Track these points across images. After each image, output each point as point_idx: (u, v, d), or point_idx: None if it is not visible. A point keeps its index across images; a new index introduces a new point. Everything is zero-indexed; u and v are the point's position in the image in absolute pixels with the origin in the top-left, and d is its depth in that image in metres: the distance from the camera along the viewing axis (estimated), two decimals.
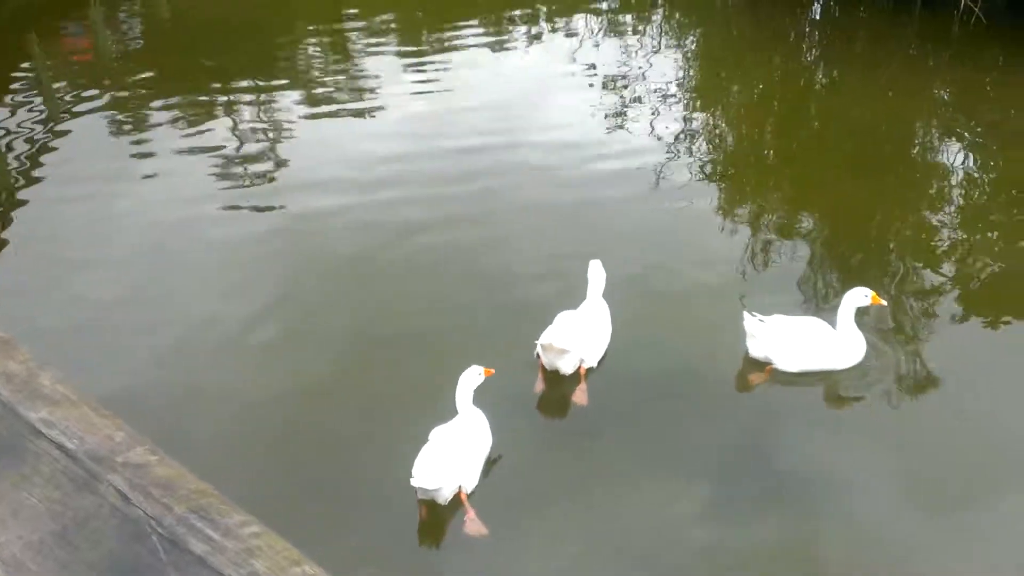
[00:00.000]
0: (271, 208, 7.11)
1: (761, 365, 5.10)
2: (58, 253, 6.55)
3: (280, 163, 7.88)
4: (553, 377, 5.02)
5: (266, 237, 6.68)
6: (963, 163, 7.72)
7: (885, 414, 4.83)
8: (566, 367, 4.98)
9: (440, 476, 4.12)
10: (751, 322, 5.02)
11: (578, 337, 4.95)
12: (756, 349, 5.10)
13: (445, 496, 4.20)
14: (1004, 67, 9.37)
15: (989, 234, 6.63)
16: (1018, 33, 9.71)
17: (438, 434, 4.36)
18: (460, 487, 4.24)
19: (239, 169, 7.76)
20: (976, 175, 7.56)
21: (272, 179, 7.58)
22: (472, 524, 4.15)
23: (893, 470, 4.44)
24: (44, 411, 1.27)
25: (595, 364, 5.12)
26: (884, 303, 5.05)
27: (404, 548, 4.10)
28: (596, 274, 5.28)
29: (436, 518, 4.21)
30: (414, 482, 4.08)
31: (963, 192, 7.27)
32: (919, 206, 7.06)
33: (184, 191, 7.38)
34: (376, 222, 6.77)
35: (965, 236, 6.56)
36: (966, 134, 8.23)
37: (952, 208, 6.99)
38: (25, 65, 10.36)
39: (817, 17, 11.18)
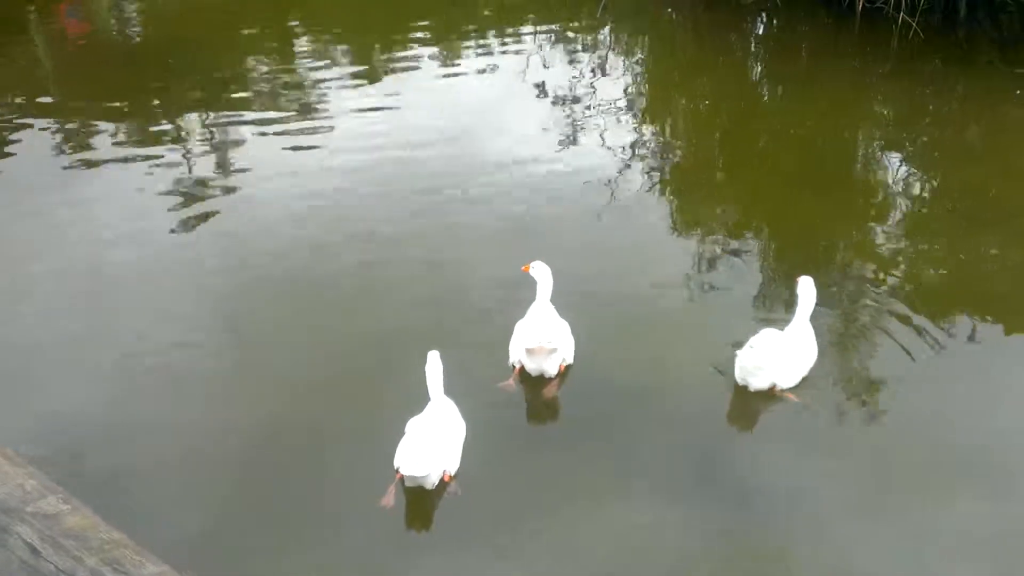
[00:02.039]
0: (215, 228, 7.01)
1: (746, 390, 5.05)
2: None
3: (226, 182, 7.76)
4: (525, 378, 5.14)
5: (210, 258, 6.59)
6: (904, 175, 7.89)
7: (838, 423, 4.94)
8: (552, 368, 5.07)
9: (427, 462, 4.33)
10: (755, 354, 4.84)
11: (559, 333, 5.07)
12: (762, 380, 4.97)
13: (432, 481, 4.41)
14: (942, 80, 9.61)
15: (931, 245, 6.79)
16: (954, 47, 9.97)
17: (416, 423, 4.53)
18: (445, 471, 4.46)
19: (183, 188, 7.63)
20: (917, 187, 7.74)
21: (217, 198, 7.47)
22: (453, 487, 4.46)
23: (851, 478, 4.56)
24: None
25: (571, 359, 5.20)
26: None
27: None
28: (543, 275, 5.32)
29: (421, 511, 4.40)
30: (404, 470, 4.30)
31: (905, 204, 7.43)
32: (863, 217, 7.21)
33: (125, 210, 7.26)
34: (325, 241, 6.73)
35: (908, 247, 6.71)
36: (907, 146, 8.42)
37: (895, 219, 7.14)
38: None
39: (760, 33, 11.36)
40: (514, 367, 5.20)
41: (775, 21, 11.20)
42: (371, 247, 6.64)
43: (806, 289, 5.18)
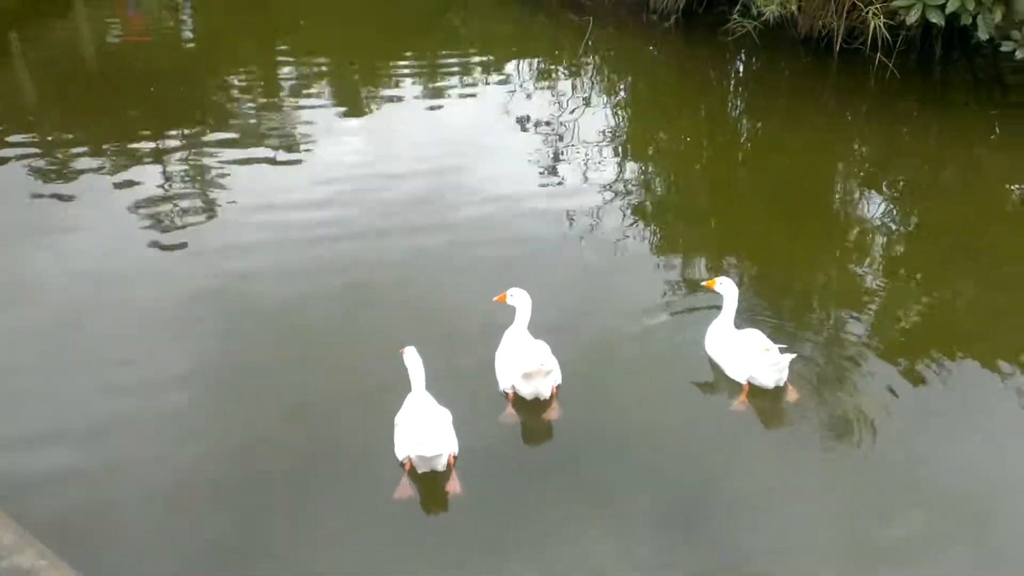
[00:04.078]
0: (194, 260, 6.98)
1: (737, 388, 5.41)
2: None
3: (206, 213, 7.73)
4: (521, 405, 5.25)
5: (191, 291, 6.54)
6: (882, 213, 8.00)
7: (815, 456, 5.01)
8: (546, 389, 5.20)
9: (437, 441, 4.59)
10: (778, 354, 5.21)
11: (550, 355, 5.23)
12: (772, 377, 5.32)
13: (442, 462, 4.67)
14: (917, 119, 9.79)
15: (908, 282, 6.87)
16: (929, 88, 10.17)
17: (408, 412, 4.76)
18: (450, 452, 4.70)
19: (161, 220, 7.58)
20: (894, 225, 7.84)
21: (198, 229, 7.43)
22: (453, 484, 4.67)
23: (830, 513, 4.64)
24: None
25: (560, 380, 5.32)
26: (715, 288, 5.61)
27: None
28: (523, 302, 5.43)
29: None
30: (420, 451, 4.53)
31: (882, 240, 7.53)
32: (841, 254, 7.29)
33: (106, 243, 7.21)
34: (305, 272, 6.75)
35: (885, 284, 6.78)
36: (884, 185, 8.54)
37: (873, 256, 7.22)
38: None
39: (740, 71, 11.53)
40: (507, 394, 5.28)
41: (755, 59, 11.38)
42: (350, 278, 6.66)
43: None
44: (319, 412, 5.31)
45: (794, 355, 5.28)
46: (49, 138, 9.26)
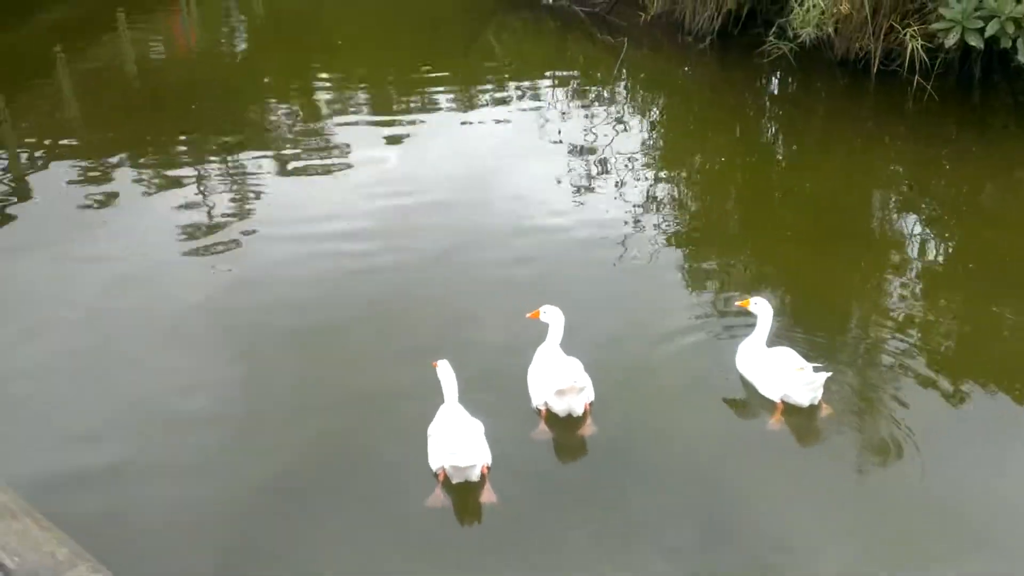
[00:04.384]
0: (228, 272, 7.08)
1: (770, 405, 5.38)
2: (3, 322, 6.44)
3: (241, 226, 7.83)
4: (554, 421, 5.23)
5: (222, 302, 6.64)
6: (920, 236, 7.90)
7: (851, 482, 4.93)
8: (579, 407, 5.19)
9: (472, 452, 4.65)
10: (813, 373, 5.16)
11: (583, 373, 5.21)
12: (807, 396, 5.28)
13: (476, 473, 4.70)
14: (957, 142, 9.67)
15: (947, 307, 6.76)
16: (968, 110, 10.05)
17: (442, 423, 4.81)
18: (483, 463, 4.74)
19: (198, 232, 7.70)
20: (932, 249, 7.74)
21: (232, 243, 7.53)
22: (488, 494, 4.70)
23: (860, 539, 4.54)
24: None
25: (593, 397, 5.30)
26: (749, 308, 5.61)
27: None
28: (555, 319, 5.44)
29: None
30: (455, 461, 4.58)
31: (920, 262, 7.43)
32: (878, 277, 7.20)
33: (141, 253, 7.34)
34: (338, 287, 6.80)
35: (923, 308, 6.68)
36: (922, 208, 8.44)
37: (910, 280, 7.12)
38: None
39: (775, 92, 11.48)
40: (539, 411, 5.26)
41: (791, 81, 11.32)
42: (383, 293, 6.70)
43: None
44: (350, 423, 5.34)
45: (829, 373, 5.22)
46: (91, 150, 9.45)
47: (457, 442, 4.67)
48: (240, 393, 5.66)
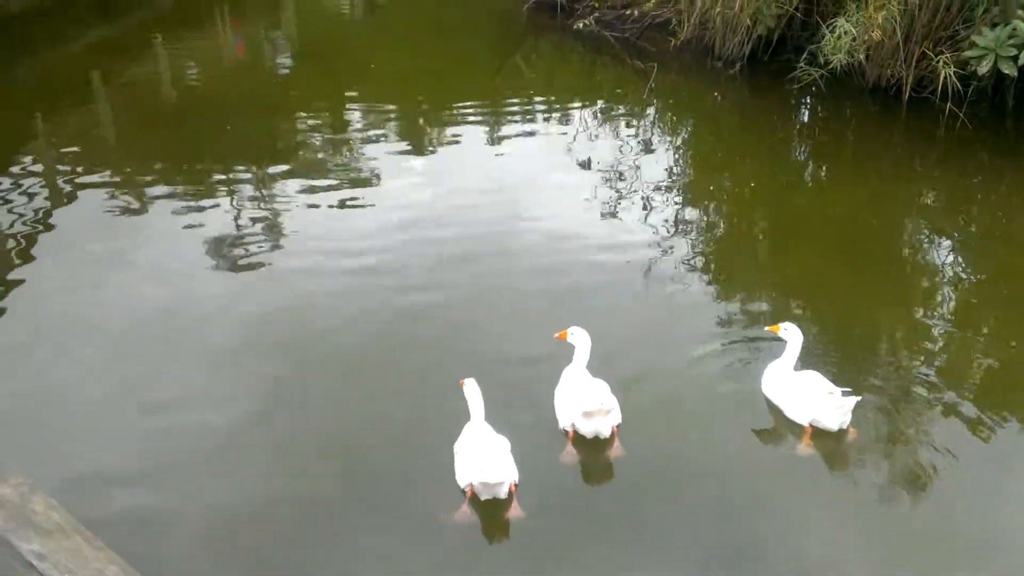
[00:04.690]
0: (257, 291, 7.17)
1: (797, 429, 5.37)
2: (40, 339, 6.54)
3: (271, 246, 7.92)
4: (581, 443, 5.23)
5: (256, 325, 6.69)
6: (951, 263, 7.83)
7: (880, 508, 4.89)
8: (606, 429, 5.18)
9: (500, 469, 4.67)
10: (842, 397, 5.13)
11: (610, 395, 5.21)
12: (837, 420, 5.25)
13: (504, 490, 4.73)
14: (990, 170, 9.59)
15: (978, 334, 6.68)
16: (1002, 138, 9.97)
17: (468, 440, 4.84)
18: (511, 480, 4.77)
19: (228, 251, 7.79)
20: (964, 273, 7.67)
21: (262, 263, 7.62)
22: (515, 510, 4.73)
23: (889, 567, 4.52)
24: (36, 543, 1.24)
25: (620, 419, 5.29)
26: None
27: None
28: (582, 340, 5.45)
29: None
30: (485, 478, 4.53)
31: (953, 291, 7.36)
32: (909, 303, 7.14)
33: (169, 269, 7.44)
34: (365, 306, 6.85)
35: (955, 335, 6.61)
36: (954, 234, 8.36)
37: (942, 305, 7.07)
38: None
39: (806, 117, 11.47)
40: (567, 432, 5.26)
41: (821, 107, 11.30)
42: (410, 313, 6.74)
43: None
44: (378, 439, 5.39)
45: (859, 398, 5.18)
46: (125, 170, 9.61)
47: (486, 459, 4.70)
48: (270, 410, 5.71)
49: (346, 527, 4.76)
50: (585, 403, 5.11)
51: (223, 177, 9.48)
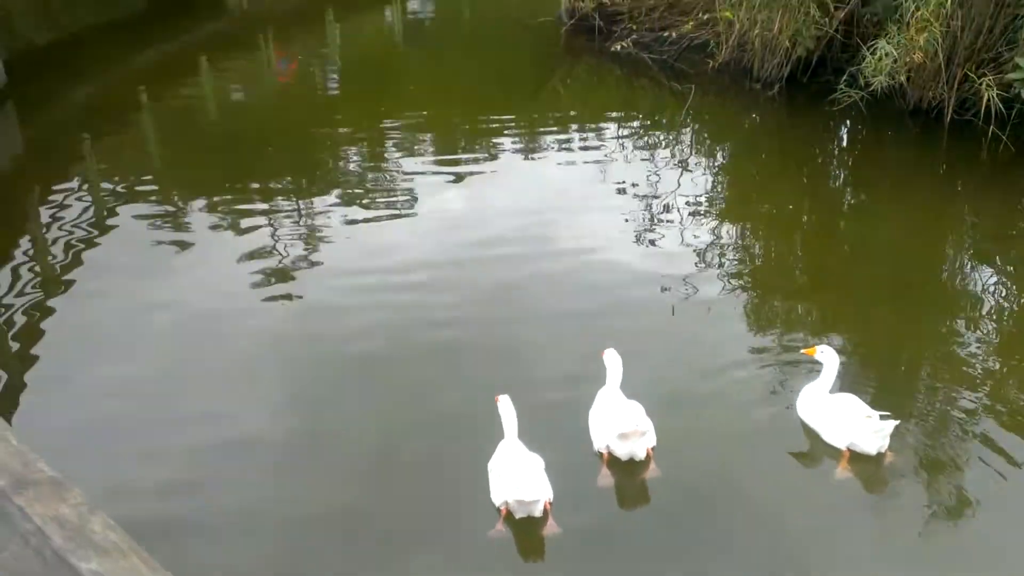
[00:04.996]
0: (295, 310, 7.27)
1: (833, 453, 5.32)
2: (83, 353, 6.70)
3: (309, 266, 8.03)
4: (616, 465, 5.22)
5: (294, 338, 6.81)
6: (994, 288, 7.70)
7: (918, 535, 4.83)
8: (641, 451, 5.18)
9: (536, 487, 4.67)
10: (880, 421, 5.08)
11: (645, 418, 5.22)
12: (875, 444, 5.20)
13: (540, 508, 4.72)
14: None
15: (1021, 361, 6.57)
16: None
17: (503, 458, 4.86)
18: (546, 499, 4.75)
19: (268, 271, 7.89)
20: (1007, 301, 7.53)
21: (299, 282, 7.72)
22: (551, 527, 4.73)
23: None
24: (95, 562, 1.28)
25: (655, 442, 5.28)
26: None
27: None
28: (614, 363, 5.48)
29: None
30: (521, 496, 4.57)
31: (995, 317, 7.23)
32: (950, 328, 7.03)
33: (213, 290, 7.57)
34: (401, 325, 6.92)
35: (997, 360, 6.50)
36: (998, 260, 8.23)
37: (984, 332, 6.95)
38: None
39: (845, 140, 11.39)
40: (601, 454, 5.27)
41: (861, 129, 11.21)
42: (446, 332, 6.78)
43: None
44: (412, 457, 5.43)
45: (897, 421, 5.13)
46: (169, 191, 9.82)
47: (521, 477, 4.71)
48: (306, 428, 5.78)
49: (382, 545, 4.78)
50: (620, 425, 5.11)
51: (264, 197, 9.64)
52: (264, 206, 9.39)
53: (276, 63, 15.62)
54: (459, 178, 10.12)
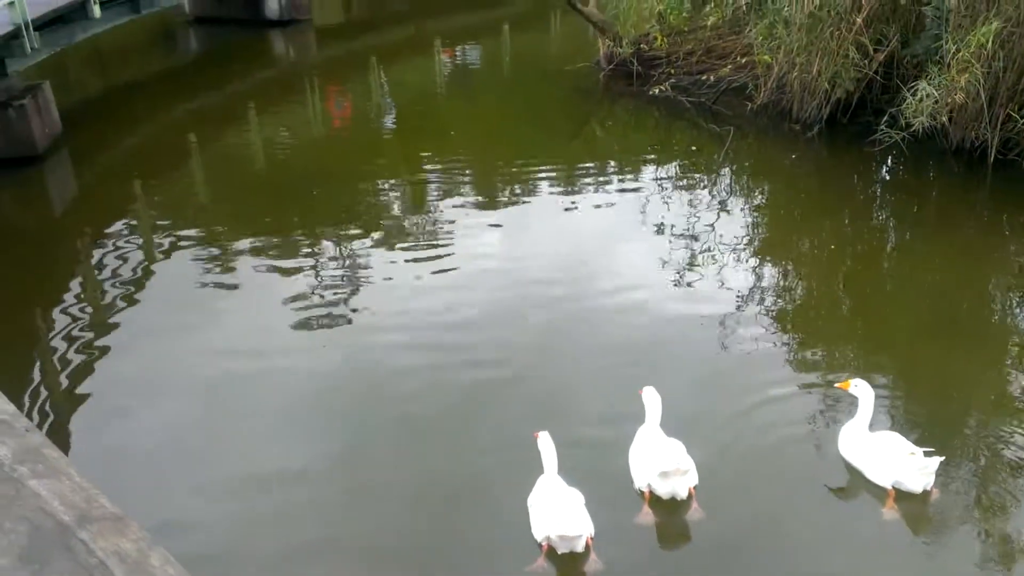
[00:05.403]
0: (335, 349, 7.38)
1: (877, 491, 5.26)
2: (132, 391, 6.88)
3: (350, 307, 8.14)
4: (657, 504, 5.21)
5: (336, 376, 6.92)
6: None
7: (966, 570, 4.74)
8: (683, 490, 5.16)
9: (578, 522, 4.68)
10: (924, 458, 5.02)
11: (687, 456, 5.20)
12: (920, 482, 5.14)
13: (582, 543, 4.71)
14: None
15: None
16: None
17: (543, 493, 4.88)
18: (589, 534, 4.75)
19: (310, 312, 8.03)
20: None
21: (339, 322, 7.84)
22: (595, 563, 4.71)
23: None
24: None
25: (696, 481, 5.25)
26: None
27: None
28: (653, 401, 5.48)
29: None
30: (563, 531, 4.58)
31: None
32: (998, 370, 6.91)
33: (255, 330, 7.73)
34: (444, 365, 7.00)
35: None
36: None
37: None
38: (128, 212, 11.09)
39: (886, 179, 11.32)
40: (643, 492, 5.24)
41: (902, 169, 11.14)
42: (481, 372, 6.84)
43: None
44: (451, 491, 5.48)
45: (942, 458, 5.05)
46: (218, 233, 10.05)
47: (563, 512, 4.71)
48: (347, 464, 5.86)
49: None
50: (662, 463, 5.09)
51: (308, 239, 9.83)
52: (308, 248, 9.57)
53: (331, 105, 16.07)
54: (499, 220, 10.23)
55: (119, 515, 1.62)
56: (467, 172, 12.16)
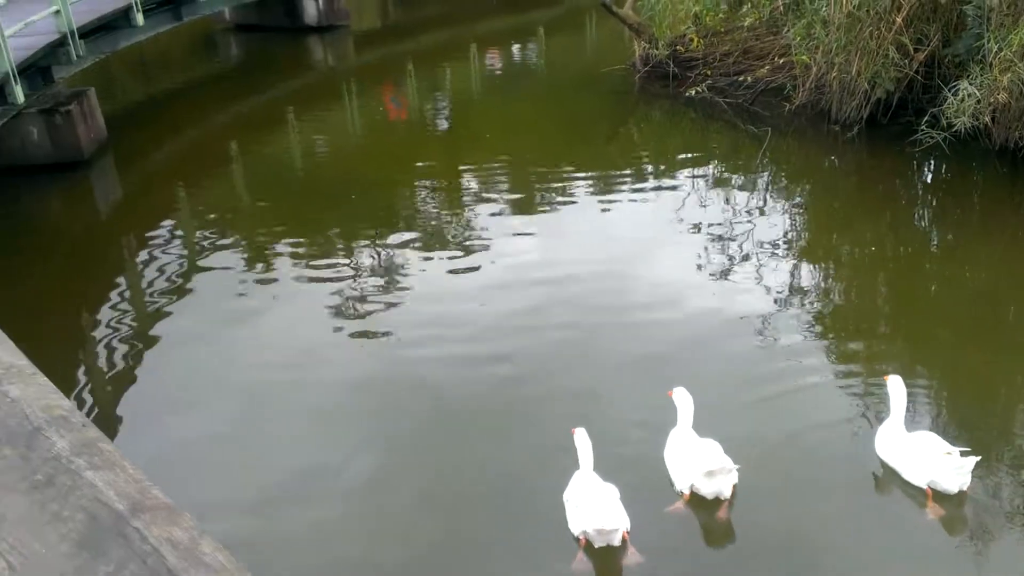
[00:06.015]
0: (379, 350, 7.47)
1: (915, 491, 5.22)
2: (174, 392, 7.04)
3: (388, 309, 8.24)
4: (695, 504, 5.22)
5: (373, 378, 7.00)
6: None
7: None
8: (727, 489, 5.16)
9: (615, 515, 4.72)
10: (960, 458, 4.97)
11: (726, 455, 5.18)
12: (956, 482, 5.09)
13: (619, 537, 4.75)
14: None
15: None
16: None
17: (579, 488, 4.92)
18: (625, 528, 4.78)
19: (348, 314, 8.14)
20: None
21: (381, 325, 7.91)
22: (633, 556, 4.75)
23: None
24: None
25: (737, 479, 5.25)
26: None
27: None
28: (684, 401, 5.49)
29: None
30: (600, 524, 4.62)
31: None
32: None
33: (295, 331, 7.83)
34: (481, 365, 7.05)
35: None
36: None
37: None
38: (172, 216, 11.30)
39: (928, 180, 11.17)
40: (683, 493, 5.24)
41: (944, 170, 10.98)
42: (516, 370, 6.89)
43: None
44: (488, 491, 5.53)
45: (978, 458, 4.98)
46: (258, 238, 10.21)
47: (599, 506, 4.75)
48: (383, 463, 5.91)
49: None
50: (707, 463, 5.09)
51: (346, 242, 9.95)
52: (347, 253, 9.69)
53: (387, 100, 16.35)
54: (534, 223, 10.26)
55: (171, 505, 1.67)
56: (503, 175, 12.21)
